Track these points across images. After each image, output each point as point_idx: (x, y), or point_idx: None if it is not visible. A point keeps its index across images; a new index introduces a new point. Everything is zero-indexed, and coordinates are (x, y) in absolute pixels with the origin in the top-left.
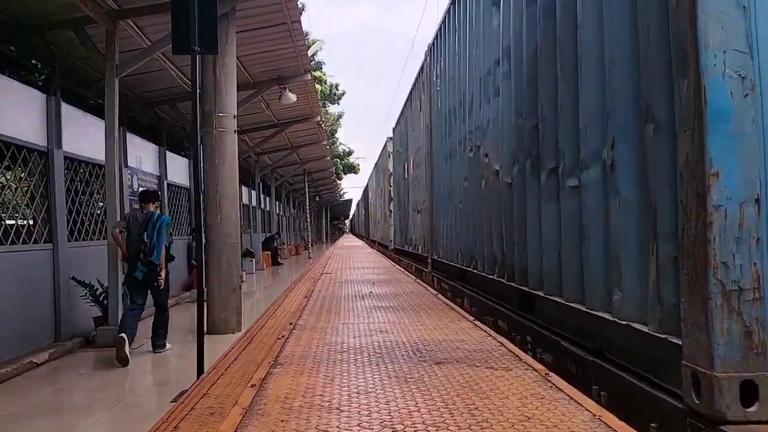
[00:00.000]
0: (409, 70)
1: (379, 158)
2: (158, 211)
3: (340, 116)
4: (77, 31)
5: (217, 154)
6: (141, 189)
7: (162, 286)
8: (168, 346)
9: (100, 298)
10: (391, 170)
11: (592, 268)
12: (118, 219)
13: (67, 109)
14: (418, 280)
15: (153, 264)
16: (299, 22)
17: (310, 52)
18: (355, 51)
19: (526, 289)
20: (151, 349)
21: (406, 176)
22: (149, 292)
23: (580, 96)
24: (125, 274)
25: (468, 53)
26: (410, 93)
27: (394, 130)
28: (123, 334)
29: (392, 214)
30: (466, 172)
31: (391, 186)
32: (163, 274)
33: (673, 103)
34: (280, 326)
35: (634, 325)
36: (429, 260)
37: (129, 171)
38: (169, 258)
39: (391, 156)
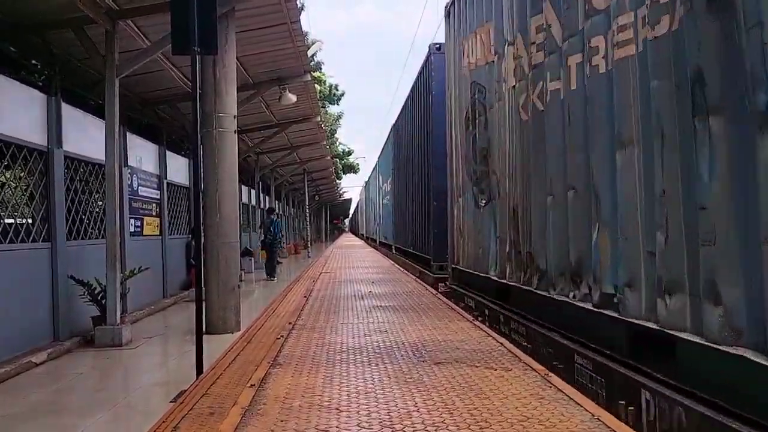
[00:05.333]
0: (410, 69)
1: None
2: (275, 217)
3: (339, 116)
4: (77, 31)
5: (217, 154)
6: (267, 207)
7: (274, 251)
8: (275, 279)
9: (98, 298)
10: None
11: None
12: (116, 219)
13: (67, 110)
14: (417, 280)
15: (273, 242)
16: (299, 22)
17: (309, 53)
18: (355, 51)
19: None
20: (267, 278)
21: None
22: (271, 252)
23: None
24: (260, 245)
25: None
26: None
27: None
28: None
29: None
30: None
31: None
32: (282, 245)
33: None
34: (279, 326)
35: None
36: None
37: (129, 170)
38: (280, 240)
39: None
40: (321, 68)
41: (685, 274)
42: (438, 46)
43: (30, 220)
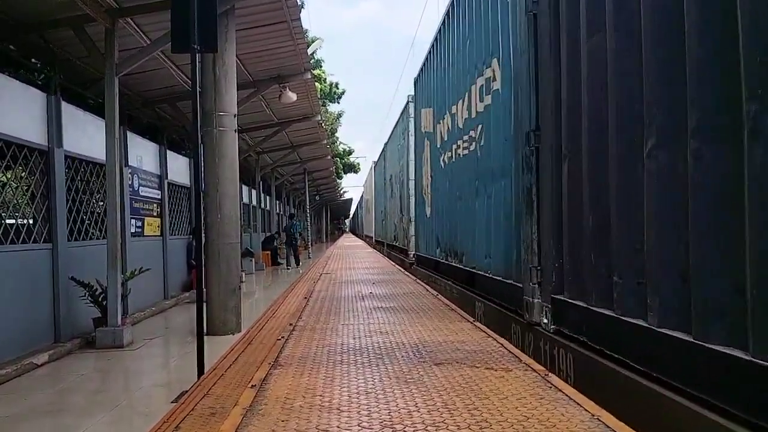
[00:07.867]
0: (410, 69)
1: None
2: (294, 221)
3: (340, 115)
4: (77, 29)
5: (218, 154)
6: (288, 213)
7: (295, 247)
8: (299, 266)
9: (99, 299)
10: None
11: None
12: (117, 219)
13: (67, 108)
14: (418, 280)
15: (294, 240)
16: (299, 19)
17: (309, 50)
18: (355, 49)
19: None
20: (289, 267)
21: None
22: (292, 248)
23: None
24: (285, 243)
25: None
26: None
27: None
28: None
29: None
30: None
31: None
32: (299, 242)
33: None
34: (279, 327)
35: None
36: None
37: (129, 170)
38: (297, 238)
39: None
40: (321, 66)
41: None
42: None
43: (31, 221)
